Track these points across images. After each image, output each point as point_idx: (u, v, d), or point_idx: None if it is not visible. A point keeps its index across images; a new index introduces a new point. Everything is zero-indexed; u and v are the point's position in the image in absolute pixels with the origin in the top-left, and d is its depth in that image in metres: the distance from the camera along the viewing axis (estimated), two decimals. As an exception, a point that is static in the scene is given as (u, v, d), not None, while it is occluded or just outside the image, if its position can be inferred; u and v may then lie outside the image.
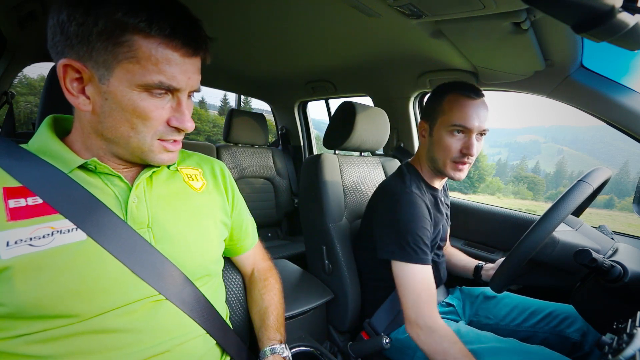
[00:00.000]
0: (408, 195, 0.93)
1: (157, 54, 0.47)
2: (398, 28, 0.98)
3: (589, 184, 0.75)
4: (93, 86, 0.48)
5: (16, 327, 0.45)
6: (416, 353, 0.92)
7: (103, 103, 0.49)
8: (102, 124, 0.50)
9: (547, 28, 0.80)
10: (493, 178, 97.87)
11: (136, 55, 0.46)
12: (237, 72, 1.86)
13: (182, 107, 0.53)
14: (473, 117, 0.89)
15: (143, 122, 0.50)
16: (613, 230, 1.06)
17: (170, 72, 0.49)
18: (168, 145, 0.55)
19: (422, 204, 0.92)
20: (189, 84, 0.52)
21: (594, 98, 0.98)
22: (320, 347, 0.89)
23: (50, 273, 0.45)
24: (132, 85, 0.48)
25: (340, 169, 1.25)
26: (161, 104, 0.51)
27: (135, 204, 0.55)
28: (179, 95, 0.52)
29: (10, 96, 1.47)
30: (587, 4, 0.41)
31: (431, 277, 0.88)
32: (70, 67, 0.47)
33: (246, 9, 1.01)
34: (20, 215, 0.46)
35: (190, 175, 0.66)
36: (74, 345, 0.47)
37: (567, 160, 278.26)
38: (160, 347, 0.53)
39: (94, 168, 0.53)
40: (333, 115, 1.31)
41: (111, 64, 0.47)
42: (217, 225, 0.66)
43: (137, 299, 0.52)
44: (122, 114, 0.49)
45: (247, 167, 2.10)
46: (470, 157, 0.93)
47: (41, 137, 0.53)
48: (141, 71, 0.47)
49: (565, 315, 0.94)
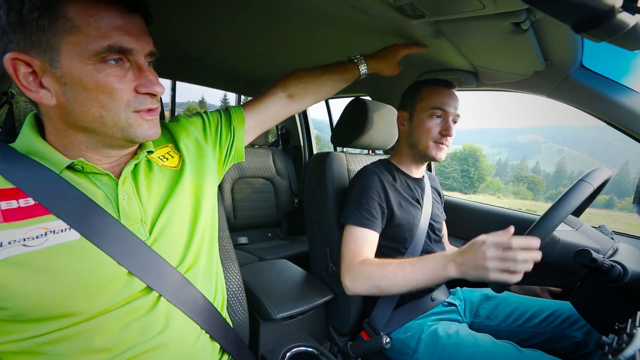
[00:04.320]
0: (363, 170, 1.07)
1: (95, 18, 0.45)
2: (398, 28, 0.98)
3: (589, 184, 0.75)
4: (48, 75, 0.47)
5: (25, 330, 0.45)
6: (415, 354, 0.93)
7: (64, 89, 0.47)
8: (71, 113, 0.49)
9: (547, 28, 0.80)
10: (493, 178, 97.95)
11: (75, 25, 0.45)
12: (237, 72, 1.86)
13: (144, 72, 0.51)
14: (449, 102, 1.03)
15: (110, 96, 0.49)
16: (613, 230, 1.06)
17: (115, 33, 0.47)
18: (144, 115, 0.53)
19: (374, 177, 1.03)
20: (140, 45, 0.50)
21: (594, 98, 0.98)
22: (320, 347, 0.89)
23: (46, 273, 0.45)
24: (83, 59, 0.46)
25: (348, 168, 1.24)
26: (122, 72, 0.49)
27: (126, 200, 0.54)
28: (136, 60, 0.51)
29: (10, 96, 1.46)
30: (587, 4, 0.41)
31: (369, 239, 0.96)
32: (18, 60, 0.45)
33: (246, 8, 1.01)
34: (13, 217, 0.46)
35: (163, 155, 0.64)
36: (81, 343, 0.48)
37: (567, 160, 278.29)
38: (158, 344, 0.53)
39: (81, 168, 0.52)
40: (343, 112, 1.30)
41: (54, 42, 0.45)
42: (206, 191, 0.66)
43: (136, 297, 0.52)
44: (87, 94, 0.47)
45: (247, 167, 2.10)
46: (449, 139, 1.04)
47: (26, 137, 0.52)
48: (86, 40, 0.45)
49: (567, 315, 0.94)
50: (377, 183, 1.02)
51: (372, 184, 1.01)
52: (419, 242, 1.05)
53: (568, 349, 0.91)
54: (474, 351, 0.83)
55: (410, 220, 1.04)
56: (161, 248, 0.56)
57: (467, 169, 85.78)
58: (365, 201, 0.98)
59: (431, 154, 1.05)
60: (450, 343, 0.88)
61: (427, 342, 0.92)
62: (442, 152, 1.05)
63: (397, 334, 0.99)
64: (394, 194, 1.04)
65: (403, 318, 1.01)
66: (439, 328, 0.94)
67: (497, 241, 0.70)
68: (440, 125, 1.03)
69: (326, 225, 1.14)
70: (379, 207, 0.99)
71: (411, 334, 0.96)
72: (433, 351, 0.89)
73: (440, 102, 1.02)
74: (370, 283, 0.86)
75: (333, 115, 2.35)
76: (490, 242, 0.70)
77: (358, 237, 0.95)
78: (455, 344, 0.87)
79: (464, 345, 0.85)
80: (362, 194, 1.00)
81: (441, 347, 0.88)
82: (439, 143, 1.03)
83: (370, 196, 0.99)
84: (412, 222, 1.04)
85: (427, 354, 0.90)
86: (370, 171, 1.05)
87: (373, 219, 0.97)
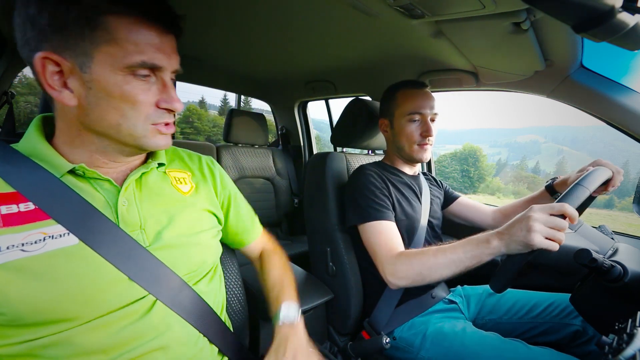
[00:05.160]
0: (359, 169, 1.09)
1: (134, 34, 0.47)
2: (398, 28, 0.98)
3: (586, 188, 0.75)
4: (75, 77, 0.48)
5: (21, 334, 0.45)
6: (420, 351, 0.93)
7: (88, 93, 0.48)
8: (90, 116, 0.50)
9: (547, 28, 0.80)
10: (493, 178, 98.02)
11: (114, 37, 0.46)
12: (237, 72, 1.86)
13: (167, 88, 0.53)
14: (424, 103, 1.06)
15: (132, 107, 0.50)
16: (613, 230, 1.06)
17: (150, 50, 0.49)
18: (161, 128, 0.55)
19: (373, 173, 1.05)
20: (170, 62, 0.53)
21: (594, 98, 0.98)
22: (320, 347, 0.89)
23: (44, 278, 0.45)
24: (115, 69, 0.48)
25: (348, 167, 1.25)
26: (147, 87, 0.51)
27: (126, 207, 0.54)
28: (163, 76, 0.53)
29: (10, 96, 1.46)
30: (587, 4, 0.41)
31: (393, 229, 0.97)
32: (48, 59, 0.46)
33: (246, 8, 1.01)
34: (12, 222, 0.46)
35: (178, 178, 0.66)
36: (77, 346, 0.47)
37: (567, 160, 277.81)
38: (155, 347, 0.53)
39: (82, 173, 0.52)
40: (343, 112, 1.31)
41: (90, 50, 0.46)
42: (207, 219, 0.67)
43: (133, 301, 0.52)
44: (109, 101, 0.49)
45: (247, 167, 2.10)
46: (430, 138, 1.07)
47: (30, 139, 0.53)
48: (122, 53, 0.47)
49: (565, 305, 0.95)
50: (378, 177, 1.04)
51: (373, 179, 1.03)
52: (420, 238, 1.05)
53: (568, 338, 0.93)
54: (481, 348, 0.83)
55: (412, 215, 1.05)
56: (160, 254, 0.56)
57: (467, 169, 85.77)
58: (373, 195, 0.99)
59: (417, 157, 1.09)
60: (456, 340, 0.88)
61: (432, 339, 0.92)
62: (426, 153, 1.09)
63: (400, 332, 0.99)
64: (394, 190, 1.05)
65: (404, 317, 1.01)
66: (444, 325, 0.94)
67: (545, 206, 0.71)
68: (420, 128, 1.06)
69: (326, 225, 1.13)
70: (386, 198, 1.01)
71: (415, 332, 0.96)
72: (439, 348, 0.89)
73: (416, 106, 1.06)
74: (413, 273, 0.85)
75: (333, 115, 2.35)
76: (538, 207, 0.71)
77: (383, 231, 0.95)
78: (461, 341, 0.87)
79: (471, 342, 0.85)
80: (367, 190, 1.00)
81: (448, 344, 0.88)
82: (422, 145, 1.07)
83: (374, 190, 1.00)
84: (414, 217, 1.05)
85: (433, 351, 0.90)
86: (368, 169, 1.06)
87: (386, 210, 0.98)
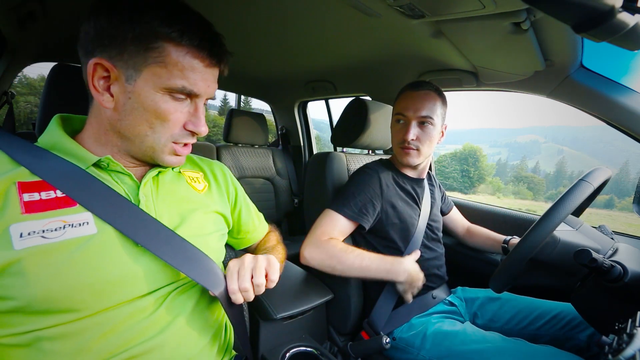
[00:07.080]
0: (362, 167, 1.09)
1: (184, 62, 0.52)
2: (398, 28, 0.99)
3: (590, 184, 0.75)
4: (119, 85, 0.52)
5: (25, 323, 0.46)
6: (421, 351, 0.92)
7: (126, 101, 0.52)
8: (122, 121, 0.54)
9: (547, 28, 0.80)
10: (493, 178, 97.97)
11: (165, 61, 0.51)
12: (237, 72, 1.85)
13: (198, 112, 0.58)
14: (410, 105, 1.02)
15: (162, 123, 0.54)
16: (613, 230, 1.06)
17: (193, 78, 0.54)
18: (178, 148, 0.59)
19: (374, 175, 1.04)
20: (208, 91, 0.57)
21: (594, 98, 0.98)
22: (320, 347, 0.89)
23: (61, 265, 0.46)
24: (157, 88, 0.52)
25: (348, 167, 1.24)
26: (180, 108, 0.55)
27: (144, 201, 0.57)
28: (197, 101, 0.57)
29: (10, 96, 1.46)
30: (587, 4, 0.41)
31: (345, 227, 1.00)
32: (100, 65, 0.51)
33: (246, 8, 1.01)
34: (34, 209, 0.47)
35: (193, 177, 0.70)
36: (81, 341, 0.48)
37: (567, 160, 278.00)
38: (158, 344, 0.54)
39: (106, 165, 0.56)
40: (343, 112, 1.31)
41: (140, 66, 0.51)
42: (216, 221, 0.70)
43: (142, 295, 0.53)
44: (143, 113, 0.53)
45: (247, 167, 2.10)
46: (413, 142, 1.02)
47: (53, 135, 0.55)
48: (167, 75, 0.51)
49: (571, 317, 0.93)
50: (375, 180, 1.03)
51: (370, 180, 1.03)
52: (416, 242, 1.05)
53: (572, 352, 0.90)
54: (483, 347, 0.82)
55: (407, 219, 1.05)
56: None
57: (467, 169, 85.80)
58: (358, 194, 1.00)
59: (401, 160, 1.08)
60: (457, 339, 0.87)
61: (433, 339, 0.91)
62: (409, 157, 1.05)
63: (399, 332, 0.99)
64: (392, 193, 1.05)
65: (403, 317, 1.01)
66: (444, 325, 0.94)
67: None
68: (402, 131, 1.04)
69: None
70: (370, 203, 1.00)
71: (415, 332, 0.96)
72: (440, 348, 0.89)
73: (401, 107, 1.04)
74: (328, 261, 0.93)
75: (333, 115, 2.35)
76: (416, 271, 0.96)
77: (335, 221, 0.99)
78: (462, 340, 0.87)
79: (472, 341, 0.85)
80: (357, 188, 1.02)
81: (448, 343, 0.88)
82: (404, 148, 1.04)
83: (364, 192, 1.01)
84: (409, 221, 1.05)
85: (433, 351, 0.90)
86: (371, 169, 1.06)
87: (359, 212, 0.99)
